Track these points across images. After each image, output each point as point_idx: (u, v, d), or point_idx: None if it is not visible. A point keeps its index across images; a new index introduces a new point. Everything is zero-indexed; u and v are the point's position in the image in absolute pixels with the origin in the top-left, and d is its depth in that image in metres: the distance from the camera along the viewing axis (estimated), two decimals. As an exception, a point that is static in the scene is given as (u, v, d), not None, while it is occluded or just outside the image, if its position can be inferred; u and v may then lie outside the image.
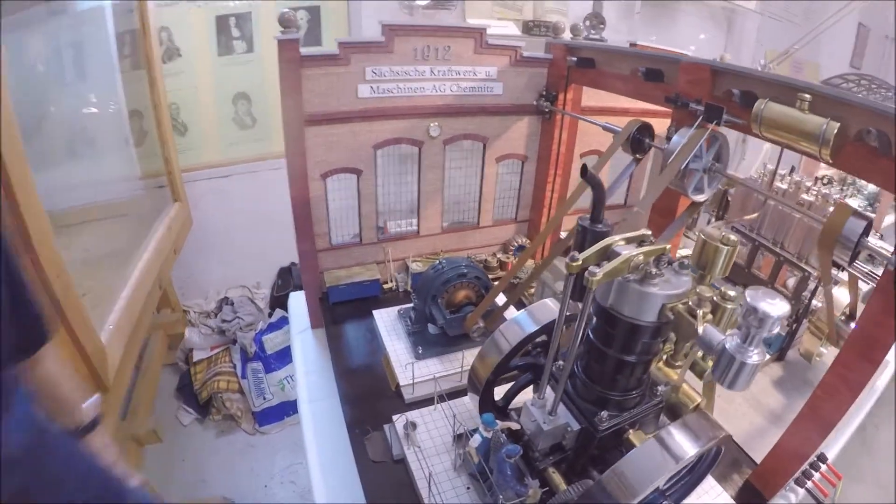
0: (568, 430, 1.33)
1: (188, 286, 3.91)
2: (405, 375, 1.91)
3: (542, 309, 1.55)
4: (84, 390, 1.83)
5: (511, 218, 2.58)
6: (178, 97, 3.42)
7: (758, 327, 1.11)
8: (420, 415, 1.76)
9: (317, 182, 2.14)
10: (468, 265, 2.00)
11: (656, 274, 1.21)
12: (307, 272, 2.24)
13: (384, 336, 2.09)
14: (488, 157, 2.39)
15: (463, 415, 1.72)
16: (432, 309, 1.98)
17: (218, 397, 3.40)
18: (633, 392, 1.37)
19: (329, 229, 2.27)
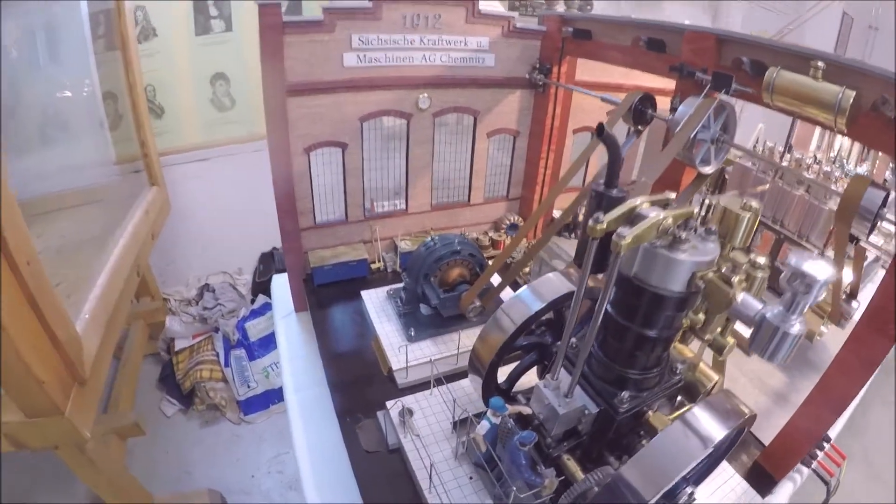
0: (585, 413, 1.16)
1: (168, 274, 3.68)
2: (398, 359, 1.72)
3: (547, 284, 1.38)
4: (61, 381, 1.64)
5: (502, 195, 2.40)
6: (154, 78, 3.19)
7: (805, 293, 0.94)
8: (415, 400, 1.57)
9: (300, 156, 1.93)
10: (461, 242, 1.81)
11: (685, 239, 1.03)
12: (290, 252, 2.03)
13: (374, 318, 1.90)
14: (479, 132, 2.20)
15: (462, 399, 1.53)
16: (424, 288, 1.79)
17: (201, 387, 3.17)
18: (653, 370, 1.20)
19: (313, 207, 2.06)
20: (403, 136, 2.11)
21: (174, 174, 3.32)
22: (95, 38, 2.71)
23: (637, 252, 1.05)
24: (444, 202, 2.31)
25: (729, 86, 1.42)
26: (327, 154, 2.01)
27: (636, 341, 1.14)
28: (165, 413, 3.16)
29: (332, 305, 2.05)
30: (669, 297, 1.06)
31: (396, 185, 2.18)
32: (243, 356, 3.23)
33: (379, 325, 1.87)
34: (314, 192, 2.04)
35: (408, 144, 2.11)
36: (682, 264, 1.03)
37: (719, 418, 1.10)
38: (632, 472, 1.02)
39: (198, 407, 3.19)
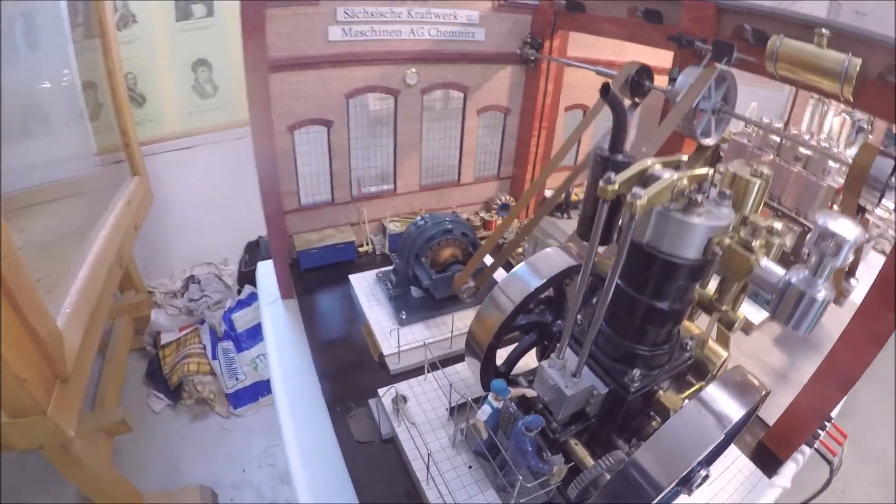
0: (594, 394, 1.05)
1: (152, 266, 3.51)
2: (388, 344, 1.61)
3: (545, 260, 1.26)
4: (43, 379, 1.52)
5: (493, 175, 2.28)
6: (134, 66, 3.02)
7: (833, 254, 0.84)
8: (409, 387, 1.46)
9: (283, 135, 1.80)
10: (453, 220, 1.70)
11: (701, 202, 0.92)
12: (275, 236, 1.90)
13: (363, 303, 1.78)
14: (469, 109, 2.08)
15: (458, 384, 1.43)
16: (415, 269, 1.68)
17: (189, 381, 3.02)
18: (664, 347, 1.09)
19: (298, 188, 1.93)
20: (391, 114, 1.98)
21: (156, 163, 3.17)
22: (74, 27, 2.58)
23: (648, 218, 0.94)
24: (434, 182, 2.19)
25: (730, 55, 1.34)
26: (312, 133, 1.88)
27: (646, 315, 1.03)
28: (153, 409, 3.03)
29: (319, 291, 1.93)
30: (683, 264, 0.95)
31: (384, 164, 2.06)
32: (231, 348, 3.09)
33: (368, 310, 1.75)
34: (299, 172, 1.91)
35: (395, 122, 1.98)
36: (697, 229, 0.92)
37: (735, 396, 1.00)
38: (646, 456, 0.91)
39: (186, 401, 3.05)
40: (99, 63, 2.69)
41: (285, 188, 1.89)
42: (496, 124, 2.19)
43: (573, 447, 1.08)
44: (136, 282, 3.19)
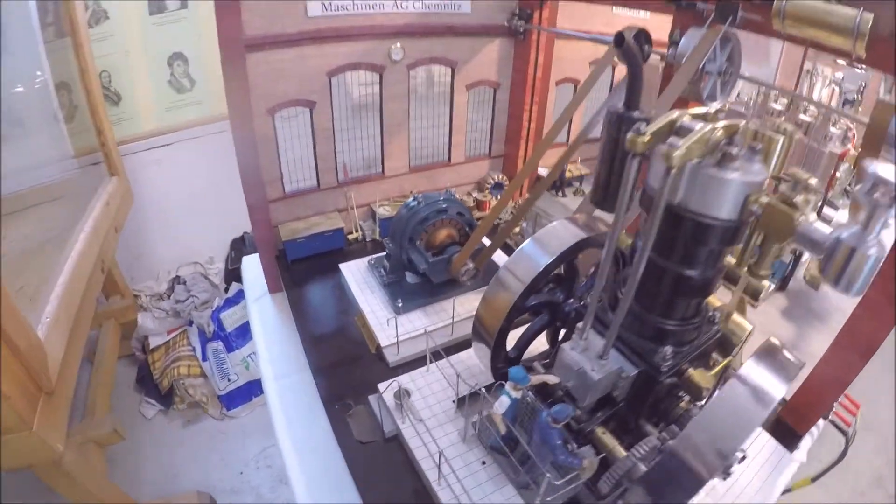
0: (622, 377, 0.92)
1: (136, 268, 3.33)
2: (386, 334, 1.47)
3: (554, 235, 1.13)
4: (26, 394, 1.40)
5: (484, 153, 2.14)
6: (108, 64, 2.85)
7: (888, 205, 0.72)
8: (411, 379, 1.32)
9: (263, 119, 1.65)
10: (447, 200, 1.56)
11: (736, 155, 0.80)
12: (259, 227, 1.75)
13: (356, 292, 1.64)
14: (457, 85, 1.94)
15: (464, 373, 1.29)
16: (410, 254, 1.54)
17: (180, 384, 2.87)
18: (693, 321, 0.97)
19: (281, 175, 1.78)
20: (376, 98, 1.83)
21: (135, 163, 3.00)
22: (44, 27, 2.41)
23: (679, 175, 0.81)
24: (423, 163, 2.05)
25: (735, 15, 1.23)
26: (294, 115, 1.72)
27: (676, 285, 0.90)
28: (145, 415, 2.87)
29: (308, 282, 1.78)
30: (716, 226, 0.82)
31: (371, 146, 1.91)
32: (221, 348, 2.93)
33: (362, 299, 1.61)
34: (281, 158, 1.76)
35: (381, 100, 1.83)
36: (733, 185, 0.80)
37: (775, 372, 0.88)
38: (688, 443, 0.79)
39: (178, 406, 2.89)
40: (71, 63, 2.52)
41: (268, 175, 1.74)
42: (486, 100, 2.04)
43: (600, 436, 0.96)
44: (120, 286, 3.02)
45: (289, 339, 1.65)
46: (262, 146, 1.68)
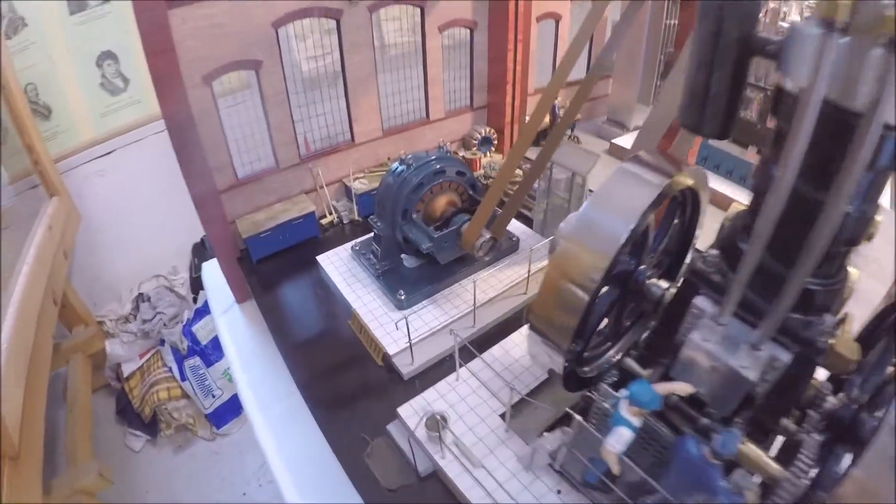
0: (774, 367, 0.56)
1: (97, 292, 2.90)
2: (393, 339, 1.08)
3: (624, 189, 0.73)
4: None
5: (466, 106, 1.72)
6: (33, 75, 2.42)
7: None
8: (438, 394, 0.95)
9: (199, 89, 1.22)
10: (441, 158, 1.15)
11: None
12: (212, 226, 1.32)
13: (343, 288, 1.23)
14: (429, 27, 1.51)
15: (504, 371, 0.91)
16: (407, 231, 1.14)
17: (163, 410, 2.49)
18: (839, 276, 0.61)
19: (230, 157, 1.34)
20: (334, 43, 1.38)
21: (76, 178, 2.59)
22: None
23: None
24: (399, 123, 1.61)
25: None
26: (237, 80, 1.27)
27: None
28: (133, 448, 2.50)
29: (282, 284, 1.36)
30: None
31: (335, 108, 1.46)
32: (199, 364, 2.50)
33: (352, 297, 1.20)
34: (227, 135, 1.31)
35: (341, 52, 1.38)
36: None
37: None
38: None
39: (165, 432, 2.52)
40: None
41: (214, 160, 1.30)
42: (462, 43, 1.61)
43: (746, 452, 0.60)
44: (82, 314, 2.60)
45: (269, 357, 1.25)
46: (201, 124, 1.26)
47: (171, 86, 1.16)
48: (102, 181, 2.72)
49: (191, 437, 2.53)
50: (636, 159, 0.77)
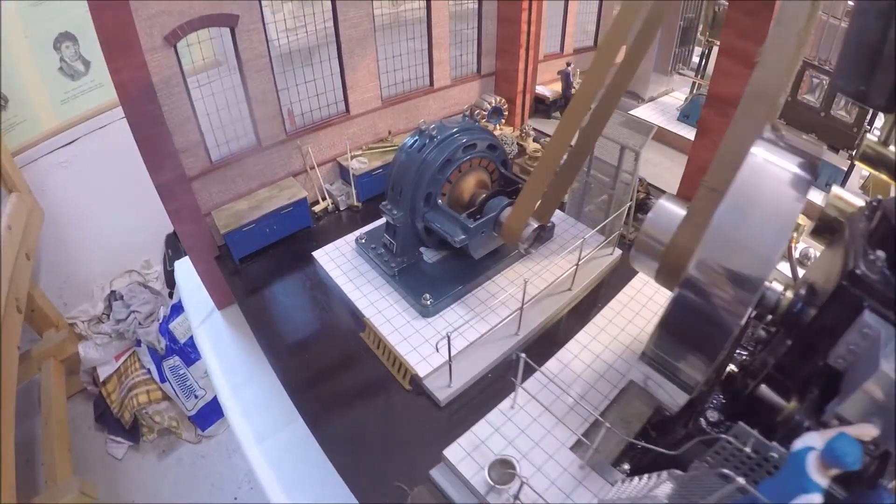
0: None
1: (67, 292, 2.57)
2: (421, 354, 0.80)
3: (768, 182, 0.48)
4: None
5: (472, 72, 1.42)
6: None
7: None
8: (492, 427, 0.69)
9: (160, 53, 0.91)
10: (467, 128, 0.86)
11: None
12: (182, 221, 1.02)
13: (351, 292, 0.94)
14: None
15: (566, 388, 0.66)
16: (432, 220, 0.86)
17: (144, 414, 2.22)
18: None
19: (202, 135, 1.02)
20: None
21: (38, 171, 2.27)
22: None
23: None
24: (399, 92, 1.30)
25: None
26: (208, 42, 0.95)
27: None
28: (115, 456, 2.22)
29: (271, 286, 1.05)
30: None
31: (327, 74, 1.15)
32: (178, 364, 2.20)
33: (364, 303, 0.92)
34: (197, 110, 0.99)
35: (334, 5, 1.06)
36: None
37: None
38: None
39: (147, 437, 2.24)
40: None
41: (182, 140, 0.99)
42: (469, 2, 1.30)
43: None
44: (52, 317, 2.29)
45: (262, 377, 0.97)
46: (164, 95, 0.93)
47: (123, 47, 0.85)
48: (66, 173, 2.38)
49: (175, 441, 2.25)
50: (767, 144, 0.51)
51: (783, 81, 0.72)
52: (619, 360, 0.82)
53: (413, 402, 0.78)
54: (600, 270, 0.98)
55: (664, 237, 0.65)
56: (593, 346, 0.83)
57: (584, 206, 1.09)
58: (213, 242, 1.08)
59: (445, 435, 0.70)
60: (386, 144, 1.24)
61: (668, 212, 0.66)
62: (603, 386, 0.78)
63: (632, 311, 0.90)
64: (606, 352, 0.82)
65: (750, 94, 0.68)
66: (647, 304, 0.92)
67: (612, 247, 1.01)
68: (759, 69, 0.65)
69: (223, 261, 1.09)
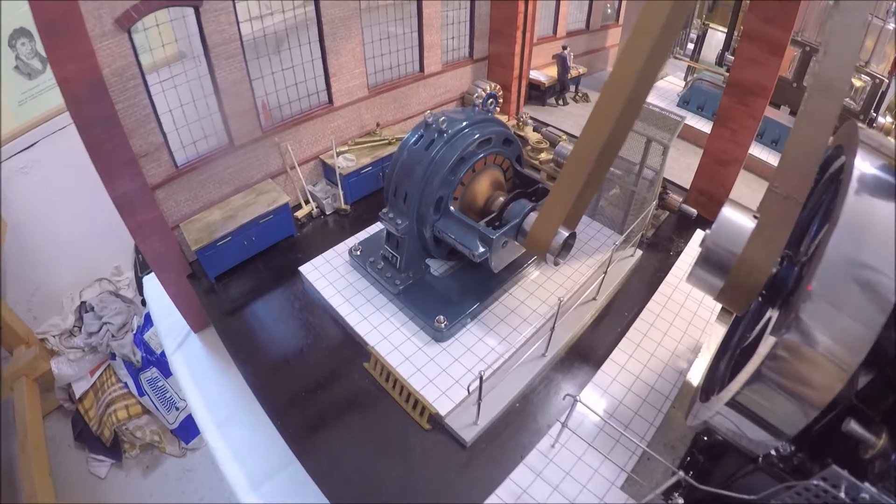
0: None
1: (36, 306, 2.34)
2: (439, 388, 0.66)
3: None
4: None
5: (464, 57, 1.25)
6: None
7: None
8: (534, 474, 0.56)
9: (110, 40, 0.71)
10: (478, 121, 0.71)
11: None
12: (146, 237, 0.85)
13: (350, 317, 0.78)
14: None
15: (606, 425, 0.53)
16: (444, 229, 0.71)
17: (124, 430, 2.03)
18: None
19: (164, 136, 0.83)
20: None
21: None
22: None
23: None
24: (387, 79, 1.12)
25: None
26: (168, 25, 0.77)
27: None
28: (98, 475, 2.04)
29: (253, 308, 0.88)
30: None
31: (306, 59, 0.96)
32: (156, 375, 2.01)
33: (365, 328, 0.76)
34: (157, 106, 0.80)
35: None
36: None
37: None
38: None
39: (130, 453, 2.06)
40: None
41: (140, 143, 0.81)
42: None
43: None
44: (21, 334, 2.09)
45: (249, 410, 0.80)
46: (117, 91, 0.75)
47: (66, 34, 0.67)
48: (27, 179, 2.15)
49: (159, 456, 2.06)
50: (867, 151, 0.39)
51: (850, 74, 0.60)
52: (661, 379, 0.70)
53: (434, 444, 0.64)
54: (623, 275, 0.85)
55: (731, 253, 0.53)
56: (631, 366, 0.70)
57: (597, 201, 0.95)
58: (183, 259, 0.89)
59: (475, 481, 0.57)
60: (374, 138, 1.07)
61: (733, 224, 0.54)
62: (647, 412, 0.65)
63: (665, 321, 0.78)
64: (646, 371, 0.70)
65: (815, 88, 0.55)
66: (680, 313, 0.80)
67: (633, 248, 0.88)
68: (825, 60, 0.53)
69: (197, 278, 0.91)
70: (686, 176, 1.09)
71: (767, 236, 0.53)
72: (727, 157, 0.98)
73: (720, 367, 0.61)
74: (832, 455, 0.51)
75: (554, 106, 1.43)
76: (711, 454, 0.64)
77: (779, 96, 1.34)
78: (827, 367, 0.42)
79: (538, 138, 1.15)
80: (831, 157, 0.64)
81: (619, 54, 0.64)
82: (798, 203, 0.52)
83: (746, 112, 0.94)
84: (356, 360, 0.75)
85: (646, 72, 0.63)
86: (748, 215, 0.56)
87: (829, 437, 0.52)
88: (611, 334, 0.77)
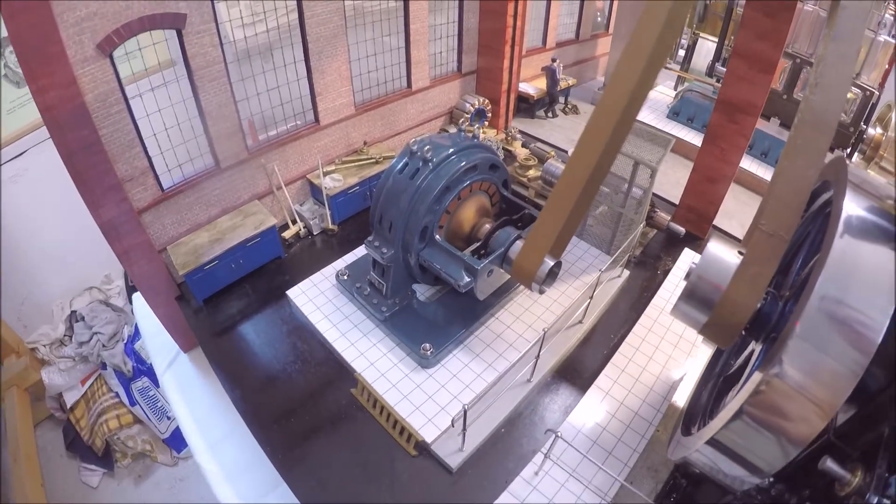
0: None
1: (27, 315, 2.32)
2: (425, 415, 0.67)
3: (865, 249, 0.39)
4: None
5: (453, 71, 1.25)
6: None
7: None
8: (518, 501, 0.56)
9: (92, 64, 0.72)
10: (466, 145, 0.71)
11: None
12: (134, 262, 0.85)
13: (337, 343, 0.79)
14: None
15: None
16: (429, 258, 0.71)
17: (115, 440, 2.03)
18: None
19: (149, 160, 0.83)
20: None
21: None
22: None
23: None
24: (374, 96, 1.12)
25: None
26: (151, 49, 0.77)
27: None
28: (90, 485, 2.05)
29: (242, 331, 0.88)
30: None
31: (292, 79, 0.96)
32: (147, 385, 2.01)
33: (352, 354, 0.77)
34: (141, 129, 0.80)
35: (299, 6, 0.88)
36: None
37: None
38: None
39: (122, 462, 2.05)
40: None
41: (125, 168, 0.81)
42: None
43: None
44: (12, 343, 2.09)
45: (241, 431, 0.81)
46: (101, 116, 0.75)
47: (47, 60, 0.67)
48: (17, 188, 2.14)
49: (151, 465, 2.06)
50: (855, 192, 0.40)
51: (842, 107, 0.60)
52: (645, 404, 0.71)
53: (420, 469, 0.65)
54: (610, 296, 0.86)
55: (717, 289, 0.54)
56: (615, 392, 0.71)
57: (585, 219, 0.96)
58: (171, 282, 0.89)
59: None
60: (362, 157, 1.07)
61: (719, 260, 0.55)
62: (631, 438, 0.66)
63: (651, 345, 0.79)
64: (630, 397, 0.71)
65: (806, 121, 0.55)
66: (666, 336, 0.81)
67: (620, 267, 0.89)
68: (818, 93, 0.53)
69: (184, 301, 0.91)
70: (675, 191, 1.10)
71: (753, 274, 0.54)
72: (716, 175, 0.99)
73: (703, 395, 0.62)
74: (809, 488, 0.52)
75: (543, 118, 1.43)
76: (694, 479, 0.65)
77: (769, 108, 1.35)
78: (809, 409, 0.43)
79: (526, 154, 1.15)
80: (817, 191, 0.65)
81: (609, 82, 0.65)
82: (784, 240, 0.53)
83: (737, 130, 0.94)
84: (343, 385, 0.75)
85: (632, 102, 0.64)
86: (734, 250, 0.57)
87: (807, 471, 0.53)
88: (596, 358, 0.77)
